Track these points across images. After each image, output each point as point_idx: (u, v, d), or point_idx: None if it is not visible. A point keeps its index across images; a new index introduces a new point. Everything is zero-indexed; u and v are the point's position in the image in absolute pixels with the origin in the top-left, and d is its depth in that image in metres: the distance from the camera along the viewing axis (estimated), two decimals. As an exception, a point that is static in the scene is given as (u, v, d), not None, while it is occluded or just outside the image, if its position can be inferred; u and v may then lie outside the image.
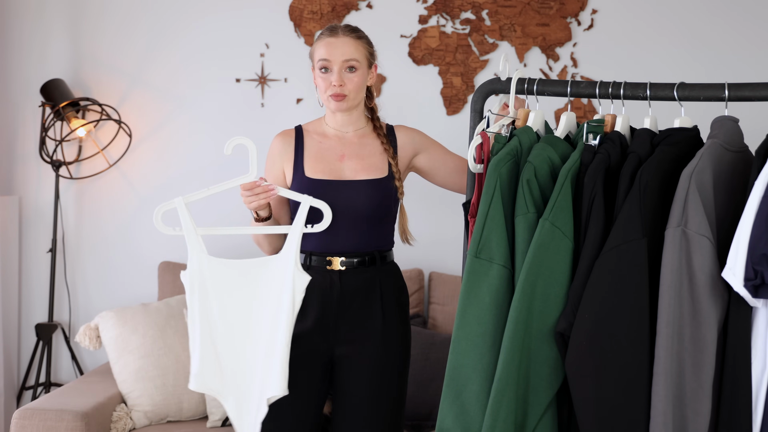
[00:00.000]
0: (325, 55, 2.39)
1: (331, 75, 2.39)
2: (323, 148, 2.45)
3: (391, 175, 2.45)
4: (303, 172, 2.43)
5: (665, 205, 1.75)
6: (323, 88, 2.41)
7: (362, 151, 2.46)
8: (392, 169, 2.45)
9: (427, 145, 2.54)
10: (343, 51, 2.38)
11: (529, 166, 1.87)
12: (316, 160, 2.43)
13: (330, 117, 2.49)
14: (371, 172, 2.43)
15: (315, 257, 2.41)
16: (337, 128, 2.48)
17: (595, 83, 1.99)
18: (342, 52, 2.38)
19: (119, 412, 3.19)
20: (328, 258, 2.39)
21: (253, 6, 3.81)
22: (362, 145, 2.47)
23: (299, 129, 2.50)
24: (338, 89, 2.38)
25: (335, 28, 2.42)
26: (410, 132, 2.55)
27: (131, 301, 3.82)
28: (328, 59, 2.38)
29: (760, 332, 1.69)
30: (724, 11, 3.70)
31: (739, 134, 1.85)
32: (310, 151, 2.45)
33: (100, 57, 3.85)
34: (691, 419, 1.69)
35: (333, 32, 2.41)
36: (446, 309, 3.61)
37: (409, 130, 2.56)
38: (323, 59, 2.39)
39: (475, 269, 1.86)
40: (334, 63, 2.38)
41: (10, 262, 3.78)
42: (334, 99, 2.39)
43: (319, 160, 2.43)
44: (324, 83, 2.40)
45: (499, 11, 3.75)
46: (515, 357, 1.78)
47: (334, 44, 2.39)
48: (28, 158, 3.87)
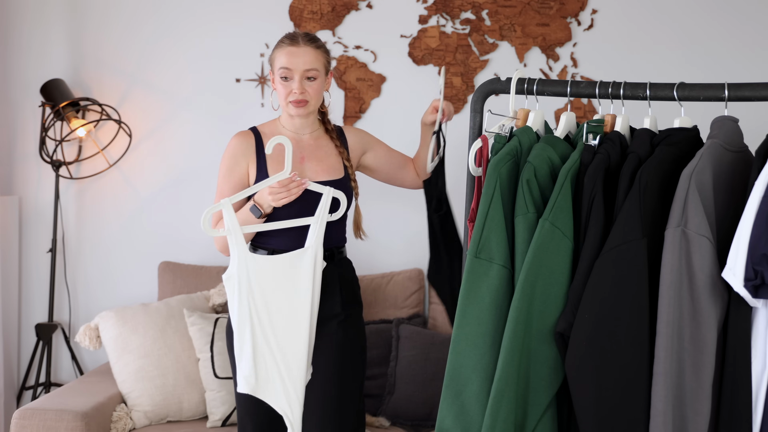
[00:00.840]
0: (286, 64, 2.51)
1: (292, 83, 2.52)
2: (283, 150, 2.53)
3: (347, 175, 2.60)
4: (266, 173, 2.53)
5: (665, 205, 1.75)
6: (284, 94, 2.53)
7: (319, 152, 2.60)
8: (347, 170, 2.60)
9: (372, 144, 2.71)
10: (304, 60, 2.51)
11: (528, 166, 1.87)
12: (278, 162, 2.53)
13: (287, 120, 2.61)
14: (330, 173, 2.58)
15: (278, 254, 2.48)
16: (294, 131, 2.60)
17: (595, 83, 1.99)
18: (303, 62, 2.51)
19: (119, 412, 3.19)
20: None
21: (253, 6, 3.81)
22: (318, 147, 2.61)
23: (256, 131, 2.62)
24: (299, 96, 2.51)
25: (295, 37, 2.53)
26: (358, 132, 2.72)
27: (131, 301, 3.82)
28: (290, 68, 2.51)
29: (760, 332, 1.69)
30: (723, 12, 3.70)
31: (739, 134, 1.85)
32: (272, 152, 2.53)
33: (100, 57, 3.85)
34: (691, 419, 1.69)
35: (294, 41, 2.52)
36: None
37: (357, 130, 2.73)
38: (284, 68, 2.51)
39: (475, 269, 1.86)
40: (295, 72, 2.51)
41: (10, 262, 3.78)
42: (295, 105, 2.52)
43: (281, 162, 2.51)
44: (284, 90, 2.53)
45: (499, 11, 3.74)
46: (515, 357, 1.78)
47: (295, 53, 2.51)
48: (28, 158, 3.87)
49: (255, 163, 2.56)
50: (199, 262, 3.83)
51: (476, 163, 2.05)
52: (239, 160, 2.56)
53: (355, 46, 3.78)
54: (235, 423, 3.22)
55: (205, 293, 3.59)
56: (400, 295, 3.62)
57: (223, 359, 3.25)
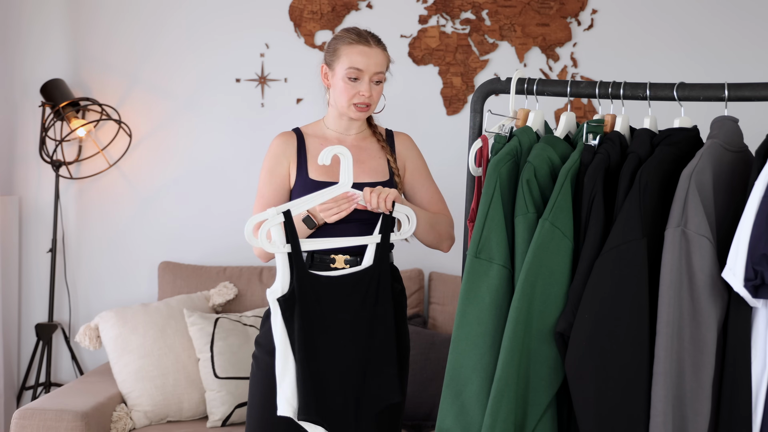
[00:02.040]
0: (359, 64, 2.36)
1: (360, 84, 2.37)
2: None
3: (392, 176, 2.45)
4: (307, 174, 2.41)
5: (665, 205, 1.75)
6: (349, 95, 2.37)
7: (362, 154, 2.45)
8: (393, 173, 2.45)
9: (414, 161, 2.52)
10: (376, 63, 2.37)
11: (528, 166, 1.87)
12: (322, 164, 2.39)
13: (334, 120, 2.47)
14: (372, 174, 2.43)
15: (318, 256, 2.35)
16: (340, 131, 2.47)
17: (594, 83, 1.99)
18: (375, 64, 2.37)
19: (119, 412, 3.19)
20: (332, 256, 2.35)
21: (253, 6, 3.81)
22: (362, 149, 2.46)
23: (299, 131, 2.48)
24: (367, 99, 2.38)
25: (366, 37, 2.39)
26: (408, 141, 2.55)
27: (131, 301, 3.82)
28: (362, 69, 2.36)
29: (760, 332, 1.69)
30: (724, 11, 3.70)
31: (739, 134, 1.85)
32: (313, 153, 2.42)
33: (100, 57, 3.85)
34: (691, 419, 1.69)
35: (366, 41, 2.38)
36: (446, 309, 3.61)
37: (407, 138, 2.56)
38: (356, 68, 2.36)
39: (475, 269, 1.86)
40: (366, 74, 2.37)
41: (10, 262, 3.78)
42: (359, 109, 2.38)
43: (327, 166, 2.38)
44: (351, 91, 2.37)
45: (499, 11, 3.74)
46: (515, 357, 1.78)
47: (368, 54, 2.37)
48: (28, 158, 3.87)
49: (296, 164, 2.42)
50: (199, 262, 3.83)
51: (476, 163, 2.05)
52: (281, 161, 2.42)
53: (355, 46, 3.78)
54: (235, 423, 3.22)
55: (205, 293, 3.59)
56: (400, 295, 3.62)
57: (223, 359, 3.25)
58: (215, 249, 3.84)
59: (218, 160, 3.84)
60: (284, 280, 2.17)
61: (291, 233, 2.17)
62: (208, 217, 3.86)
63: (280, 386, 2.16)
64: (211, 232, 3.84)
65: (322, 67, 2.44)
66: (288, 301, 2.16)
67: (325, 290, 2.21)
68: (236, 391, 3.22)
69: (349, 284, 2.24)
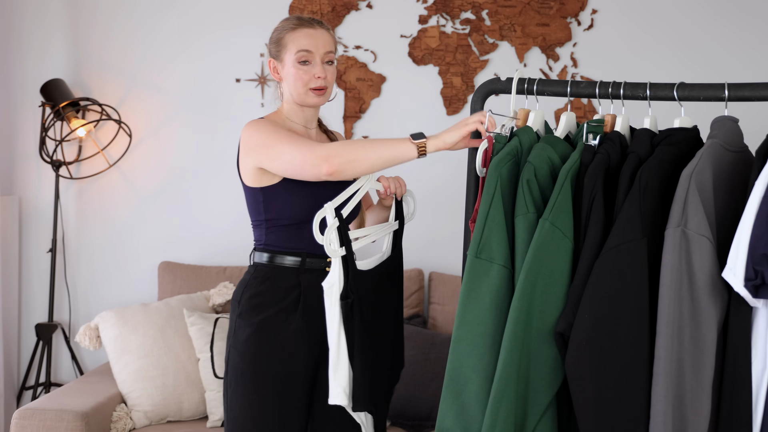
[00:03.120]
0: (306, 46, 2.26)
1: (313, 67, 2.26)
2: None
3: None
4: None
5: (665, 205, 1.75)
6: (304, 80, 2.26)
7: None
8: None
9: None
10: (324, 42, 2.28)
11: (529, 166, 1.87)
12: None
13: (296, 112, 2.34)
14: None
15: (310, 259, 2.27)
16: (304, 124, 2.35)
17: (595, 83, 1.99)
18: (323, 44, 2.28)
19: (119, 412, 3.19)
20: (328, 260, 2.25)
21: (253, 6, 3.81)
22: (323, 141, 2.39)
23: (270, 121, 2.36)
24: (322, 82, 2.27)
25: (308, 20, 2.31)
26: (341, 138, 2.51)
27: (131, 301, 3.82)
28: (311, 51, 2.26)
29: (760, 332, 1.69)
30: (723, 11, 3.70)
31: (739, 134, 1.85)
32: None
33: (100, 57, 3.85)
34: (691, 419, 1.69)
35: (309, 24, 2.29)
36: (446, 309, 3.61)
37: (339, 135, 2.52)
38: (305, 50, 2.25)
39: (475, 269, 1.86)
40: (316, 54, 2.26)
41: (10, 262, 3.78)
42: (316, 93, 2.28)
43: None
44: (306, 75, 2.26)
45: (499, 11, 3.74)
46: (515, 357, 1.78)
47: (314, 36, 2.27)
48: (28, 158, 3.87)
49: None
50: (199, 262, 3.83)
51: (482, 164, 2.04)
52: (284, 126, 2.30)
53: (355, 46, 3.78)
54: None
55: (205, 293, 3.59)
56: (400, 295, 3.62)
57: (223, 359, 3.25)
58: (215, 249, 3.84)
59: (218, 160, 3.83)
60: (340, 281, 2.12)
61: (344, 235, 2.13)
62: (208, 217, 3.86)
63: (334, 376, 2.13)
64: (211, 232, 3.84)
65: (270, 62, 2.35)
66: (349, 303, 2.12)
67: (368, 283, 2.19)
68: (236, 391, 3.22)
69: (381, 274, 2.26)
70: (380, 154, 2.10)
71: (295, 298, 2.24)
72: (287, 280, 2.25)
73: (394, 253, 2.33)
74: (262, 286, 2.25)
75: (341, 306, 2.11)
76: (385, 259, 2.30)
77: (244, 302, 2.26)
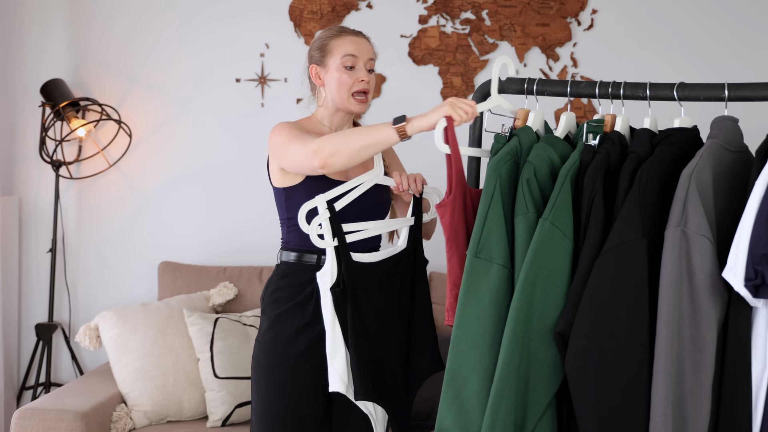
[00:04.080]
0: (353, 51, 2.33)
1: (358, 72, 2.33)
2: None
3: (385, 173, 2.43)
4: None
5: (665, 205, 1.75)
6: (348, 84, 2.33)
7: None
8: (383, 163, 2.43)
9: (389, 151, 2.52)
10: (368, 49, 2.37)
11: (528, 166, 1.87)
12: None
13: (329, 117, 2.41)
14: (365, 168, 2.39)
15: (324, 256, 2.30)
16: (335, 129, 2.42)
17: (595, 83, 1.99)
18: (367, 50, 2.36)
19: (119, 412, 3.19)
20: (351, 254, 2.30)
21: (253, 6, 3.81)
22: None
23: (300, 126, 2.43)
24: (366, 85, 2.34)
25: (354, 30, 2.40)
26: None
27: (131, 301, 3.82)
28: (356, 56, 2.33)
29: (760, 332, 1.69)
30: (723, 12, 3.70)
31: (739, 134, 1.85)
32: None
33: (100, 57, 3.85)
34: (691, 419, 1.69)
35: (353, 32, 2.39)
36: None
37: None
38: (351, 55, 2.33)
39: (474, 269, 1.86)
40: (361, 60, 2.34)
41: (10, 262, 3.78)
42: (359, 100, 2.34)
43: None
44: (350, 79, 2.33)
45: (499, 11, 3.74)
46: (515, 357, 1.78)
47: (359, 42, 2.36)
48: (28, 158, 3.87)
49: None
50: (199, 262, 3.83)
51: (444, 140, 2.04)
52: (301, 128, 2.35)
53: (355, 46, 3.78)
54: (235, 423, 3.22)
55: (205, 293, 3.59)
56: (400, 295, 3.62)
57: (223, 359, 3.25)
58: (215, 249, 3.83)
59: (218, 160, 3.84)
60: (333, 271, 2.20)
61: (337, 227, 2.19)
62: (208, 217, 3.86)
63: (332, 364, 2.21)
64: (211, 232, 3.84)
65: (312, 69, 2.40)
66: (339, 291, 2.19)
67: (369, 276, 2.23)
68: (236, 391, 3.22)
69: (390, 267, 2.28)
70: (361, 143, 2.15)
71: (309, 293, 2.30)
72: (303, 276, 2.32)
73: (409, 249, 2.32)
74: (281, 282, 2.34)
75: (331, 294, 2.18)
76: (397, 254, 2.30)
77: (266, 297, 2.37)
